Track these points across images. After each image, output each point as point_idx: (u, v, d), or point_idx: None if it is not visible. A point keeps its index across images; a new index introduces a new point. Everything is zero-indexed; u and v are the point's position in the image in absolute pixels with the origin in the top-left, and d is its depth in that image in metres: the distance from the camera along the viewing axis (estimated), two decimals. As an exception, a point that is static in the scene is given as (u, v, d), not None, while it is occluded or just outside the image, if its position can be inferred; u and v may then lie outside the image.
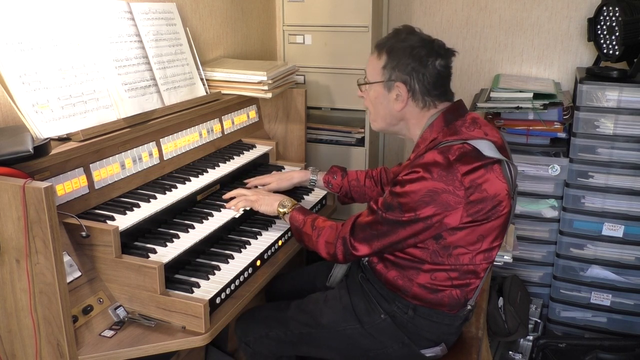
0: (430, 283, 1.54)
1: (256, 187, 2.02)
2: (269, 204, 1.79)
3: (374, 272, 1.65)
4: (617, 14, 2.42)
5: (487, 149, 1.46)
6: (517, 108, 2.54)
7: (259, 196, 1.82)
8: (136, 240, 1.61)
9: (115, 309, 1.48)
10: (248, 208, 1.83)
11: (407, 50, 1.52)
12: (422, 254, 1.52)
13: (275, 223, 1.93)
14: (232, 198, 1.86)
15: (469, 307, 1.62)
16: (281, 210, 1.76)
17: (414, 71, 1.52)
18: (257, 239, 1.84)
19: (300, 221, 1.68)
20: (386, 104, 1.59)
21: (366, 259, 1.69)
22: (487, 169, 1.44)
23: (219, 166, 2.03)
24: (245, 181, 2.07)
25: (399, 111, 1.58)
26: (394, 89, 1.56)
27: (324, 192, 2.18)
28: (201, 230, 1.70)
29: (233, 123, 2.28)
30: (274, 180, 2.01)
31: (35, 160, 1.39)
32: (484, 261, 1.53)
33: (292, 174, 2.04)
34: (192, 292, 1.51)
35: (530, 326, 2.65)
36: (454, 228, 1.45)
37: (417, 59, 1.51)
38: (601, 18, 2.56)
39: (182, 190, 1.80)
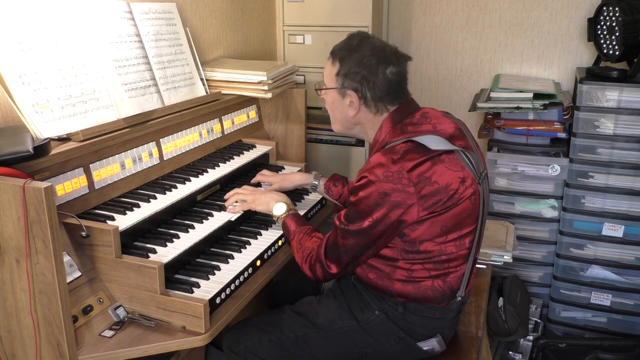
0: (409, 277, 1.55)
1: (259, 184, 2.05)
2: (265, 203, 1.80)
3: (357, 277, 1.67)
4: (617, 14, 2.43)
5: (433, 142, 1.48)
6: (517, 108, 2.54)
7: (256, 195, 1.83)
8: (136, 240, 1.61)
9: (115, 309, 1.48)
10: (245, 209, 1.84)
11: (357, 59, 1.55)
12: (392, 253, 1.54)
13: (275, 223, 1.93)
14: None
15: (458, 298, 1.62)
16: (276, 213, 1.78)
17: (365, 80, 1.55)
18: (257, 239, 1.84)
19: (291, 232, 1.71)
20: (341, 109, 1.63)
21: None
22: (433, 161, 1.46)
23: (219, 166, 2.03)
24: (252, 182, 2.08)
25: (352, 117, 1.61)
26: (347, 96, 1.59)
27: (323, 192, 2.18)
28: (201, 230, 1.71)
29: (233, 123, 2.28)
30: (277, 180, 2.03)
31: (35, 160, 1.39)
32: (458, 249, 1.53)
33: (295, 176, 2.06)
34: (192, 292, 1.51)
35: (530, 326, 2.65)
36: (414, 223, 1.46)
37: (367, 67, 1.54)
38: (601, 18, 2.56)
39: (182, 190, 1.80)
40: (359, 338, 1.65)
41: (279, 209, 1.77)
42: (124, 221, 1.56)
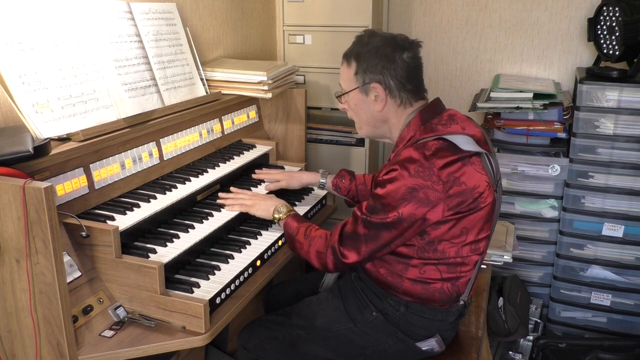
0: (420, 277, 1.55)
1: (262, 181, 2.06)
2: (265, 209, 1.80)
3: (364, 271, 1.67)
4: (617, 14, 2.43)
5: (464, 142, 1.48)
6: (517, 108, 2.54)
7: (255, 201, 1.83)
8: (136, 240, 1.61)
9: (115, 309, 1.48)
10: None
11: (372, 51, 1.56)
12: (408, 251, 1.53)
13: (275, 223, 1.93)
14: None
15: (461, 302, 1.62)
16: (276, 215, 1.77)
17: (385, 69, 1.55)
18: (257, 239, 1.84)
19: (294, 228, 1.69)
20: (367, 108, 1.62)
21: None
22: (464, 162, 1.46)
23: (219, 166, 2.03)
24: (256, 171, 2.09)
25: (380, 112, 1.61)
26: (371, 91, 1.59)
27: (324, 192, 2.18)
28: (201, 230, 1.71)
29: (233, 123, 2.28)
30: (284, 178, 2.03)
31: (35, 160, 1.39)
32: (472, 253, 1.54)
33: (303, 175, 2.06)
34: (192, 292, 1.51)
35: (530, 326, 2.65)
36: (437, 222, 1.46)
37: (384, 56, 1.55)
38: (601, 18, 2.56)
39: (182, 190, 1.80)
40: (356, 339, 1.65)
41: (279, 212, 1.77)
42: (124, 221, 1.56)
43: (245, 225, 1.92)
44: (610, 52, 2.52)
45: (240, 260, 1.70)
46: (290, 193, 2.12)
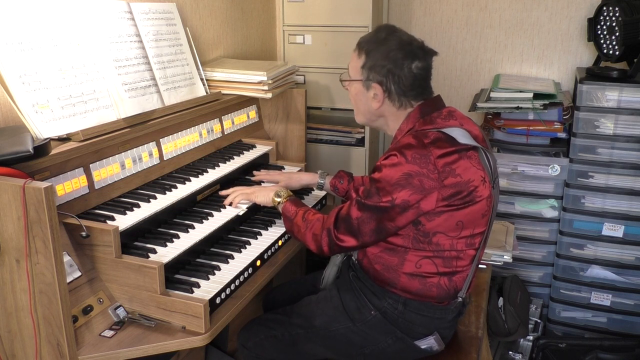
0: (417, 271, 1.56)
1: (262, 182, 2.07)
2: (265, 195, 1.82)
3: (362, 269, 1.67)
4: (617, 14, 2.43)
5: (462, 136, 1.50)
6: (517, 108, 2.54)
7: (255, 188, 1.86)
8: (136, 240, 1.61)
9: (115, 309, 1.48)
10: (245, 206, 1.85)
11: (384, 52, 1.56)
12: (403, 242, 1.54)
13: (275, 223, 1.94)
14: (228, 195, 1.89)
15: (459, 299, 1.62)
16: (276, 199, 1.79)
17: (390, 73, 1.55)
18: (257, 239, 1.84)
19: (293, 212, 1.71)
20: (365, 101, 1.64)
21: (355, 256, 1.70)
22: (461, 154, 1.48)
23: (219, 166, 2.03)
24: (254, 172, 2.10)
25: (376, 109, 1.62)
26: (371, 88, 1.60)
27: (324, 193, 2.18)
28: (201, 230, 1.71)
29: (233, 123, 2.28)
30: (283, 179, 2.04)
31: (35, 160, 1.39)
32: (467, 248, 1.55)
33: (302, 176, 2.07)
34: (192, 292, 1.51)
35: (530, 326, 2.65)
36: (431, 213, 1.47)
37: (393, 61, 1.55)
38: (601, 18, 2.56)
39: (182, 190, 1.80)
40: (355, 339, 1.66)
41: (279, 195, 1.79)
42: (124, 221, 1.56)
43: (245, 225, 1.93)
44: (610, 52, 2.52)
45: (240, 260, 1.70)
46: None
